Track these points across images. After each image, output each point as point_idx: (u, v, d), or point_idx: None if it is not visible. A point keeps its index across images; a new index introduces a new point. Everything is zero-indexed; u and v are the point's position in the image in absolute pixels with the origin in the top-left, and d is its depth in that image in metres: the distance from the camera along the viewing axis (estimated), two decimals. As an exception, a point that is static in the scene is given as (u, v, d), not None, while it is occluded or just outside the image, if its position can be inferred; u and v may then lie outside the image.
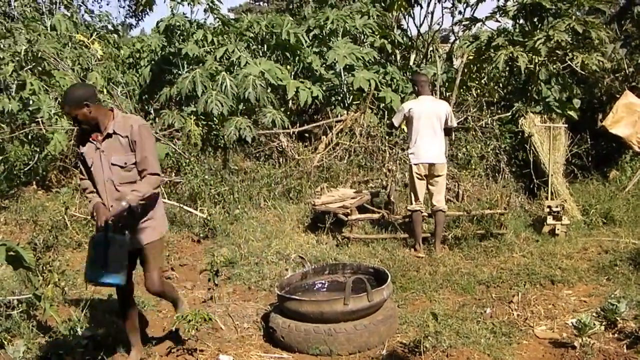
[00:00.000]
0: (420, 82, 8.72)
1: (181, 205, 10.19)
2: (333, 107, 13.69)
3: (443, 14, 14.97)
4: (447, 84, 13.53)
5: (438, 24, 16.01)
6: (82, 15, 20.14)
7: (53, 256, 8.14)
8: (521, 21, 12.31)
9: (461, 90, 13.13)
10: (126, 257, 5.06)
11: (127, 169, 5.12)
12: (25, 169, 12.33)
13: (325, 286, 6.53)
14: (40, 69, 12.85)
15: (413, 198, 8.57)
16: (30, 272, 6.59)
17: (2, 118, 11.78)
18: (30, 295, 6.35)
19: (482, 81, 13.85)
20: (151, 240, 5.29)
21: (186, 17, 14.20)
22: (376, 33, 14.23)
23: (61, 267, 7.30)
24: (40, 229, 9.22)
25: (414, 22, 15.72)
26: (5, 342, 5.80)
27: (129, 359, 5.56)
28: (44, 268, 6.70)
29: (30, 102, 12.16)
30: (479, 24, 13.30)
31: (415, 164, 8.42)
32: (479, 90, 13.55)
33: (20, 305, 6.35)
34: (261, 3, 32.24)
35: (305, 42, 13.65)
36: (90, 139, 5.13)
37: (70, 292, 7.35)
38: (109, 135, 5.08)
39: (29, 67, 12.58)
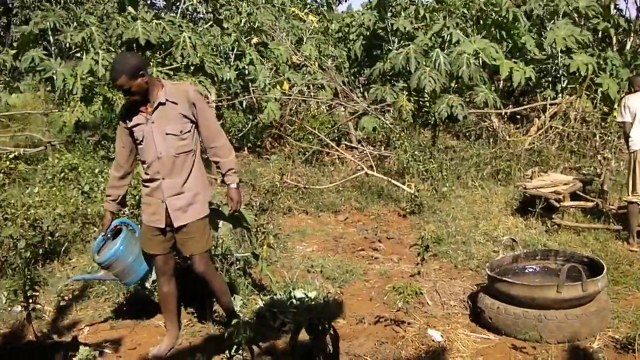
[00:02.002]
0: (638, 83, 8.39)
1: (389, 179, 10.34)
2: (543, 89, 13.36)
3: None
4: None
5: (660, 6, 15.08)
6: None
7: (267, 219, 8.54)
8: None
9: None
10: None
11: (182, 137, 4.88)
12: (239, 135, 12.89)
13: (536, 271, 6.42)
14: (257, 40, 13.39)
15: (630, 189, 8.21)
16: (248, 232, 6.90)
17: (219, 87, 12.37)
18: (247, 254, 6.70)
19: None
20: (194, 219, 5.03)
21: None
22: (598, 15, 13.69)
23: (274, 230, 7.62)
24: (257, 193, 9.67)
25: (636, 3, 14.92)
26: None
27: (158, 347, 5.37)
28: (259, 230, 6.99)
29: (247, 71, 12.69)
30: None
31: (637, 150, 8.04)
32: None
33: (237, 262, 6.70)
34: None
35: (523, 21, 13.35)
36: (140, 111, 4.89)
37: (281, 255, 7.69)
38: (160, 104, 4.84)
39: (247, 38, 13.13)
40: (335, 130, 12.86)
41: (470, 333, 5.69)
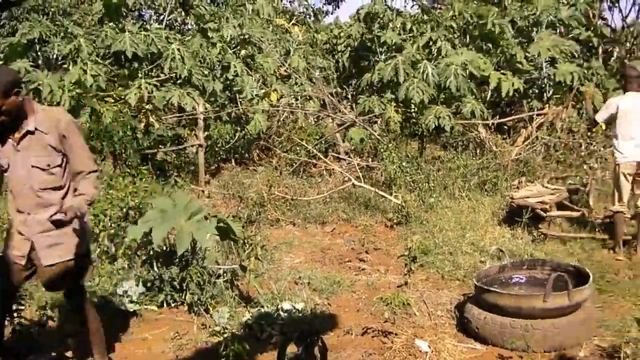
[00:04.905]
0: (630, 78, 8.34)
1: (376, 190, 10.36)
2: (530, 100, 13.43)
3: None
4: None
5: (645, 15, 15.18)
6: (282, 0, 20.91)
7: (255, 231, 8.55)
8: None
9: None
10: None
11: (49, 171, 4.40)
12: (226, 147, 12.90)
13: (523, 281, 6.43)
14: (245, 51, 13.45)
15: (616, 198, 8.27)
16: (235, 244, 6.90)
17: (207, 98, 12.41)
18: (235, 266, 6.70)
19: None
20: (59, 261, 4.50)
21: (386, 4, 14.36)
22: (581, 25, 13.79)
23: (261, 242, 7.61)
24: (245, 205, 9.68)
25: (621, 13, 15.02)
26: (211, 308, 6.16)
27: None
28: (246, 241, 6.99)
29: (233, 83, 12.75)
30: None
31: (621, 163, 8.11)
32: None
33: (225, 274, 6.70)
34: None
35: (510, 33, 13.41)
36: (8, 137, 4.37)
37: (269, 267, 7.70)
38: (29, 133, 4.35)
39: (234, 50, 13.18)
40: (323, 142, 12.89)
41: (457, 343, 5.69)
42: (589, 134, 11.72)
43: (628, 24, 15.06)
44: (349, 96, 15.23)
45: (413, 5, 15.21)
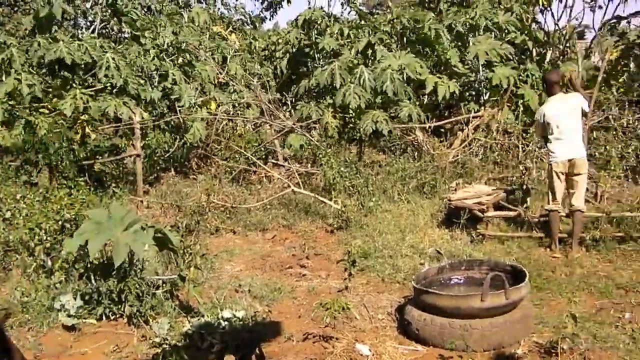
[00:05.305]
0: (550, 82, 8.50)
1: (316, 196, 10.38)
2: (467, 102, 13.59)
3: (584, 9, 14.59)
4: (587, 82, 13.17)
5: (577, 19, 15.51)
6: (219, 8, 20.85)
7: (194, 240, 8.48)
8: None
9: (602, 88, 12.73)
10: None
11: None
12: (165, 156, 12.80)
13: (462, 282, 6.51)
14: (182, 59, 13.36)
15: (551, 197, 8.41)
16: (174, 254, 6.85)
17: (145, 107, 12.28)
18: (174, 276, 6.65)
19: (624, 79, 13.45)
20: None
21: (323, 10, 14.42)
22: (517, 29, 14.02)
23: (201, 250, 7.56)
24: (184, 214, 9.61)
25: (553, 17, 15.29)
26: (151, 319, 6.10)
27: None
28: (186, 251, 6.95)
29: (171, 91, 12.65)
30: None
31: (554, 162, 8.26)
32: (622, 89, 13.12)
33: (164, 285, 6.64)
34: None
35: (445, 37, 13.56)
36: None
37: (209, 276, 7.64)
38: None
39: (171, 57, 13.09)
40: (262, 149, 12.87)
41: (398, 345, 5.72)
42: (524, 134, 11.92)
43: (560, 27, 15.34)
44: (288, 102, 15.24)
45: (350, 11, 15.24)
